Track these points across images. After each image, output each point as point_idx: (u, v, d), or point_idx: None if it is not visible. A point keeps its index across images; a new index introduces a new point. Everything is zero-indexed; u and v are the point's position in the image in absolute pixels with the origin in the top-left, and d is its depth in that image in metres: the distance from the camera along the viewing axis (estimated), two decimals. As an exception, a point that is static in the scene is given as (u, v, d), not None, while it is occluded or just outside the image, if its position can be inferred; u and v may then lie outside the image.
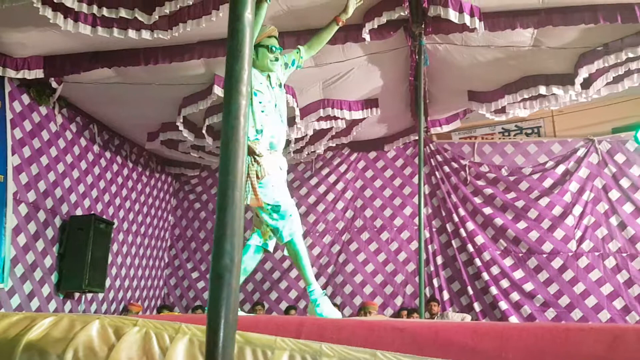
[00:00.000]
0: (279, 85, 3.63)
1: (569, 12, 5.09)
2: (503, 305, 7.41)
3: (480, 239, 7.81)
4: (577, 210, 7.55)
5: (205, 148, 8.00)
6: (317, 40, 3.87)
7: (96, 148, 7.80)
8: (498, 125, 8.33)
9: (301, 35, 5.24)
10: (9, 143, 6.10)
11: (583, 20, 5.09)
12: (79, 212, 7.28)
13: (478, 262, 7.70)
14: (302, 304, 8.24)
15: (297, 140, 7.74)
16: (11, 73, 5.79)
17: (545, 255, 7.51)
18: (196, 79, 6.36)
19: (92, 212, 7.42)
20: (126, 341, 1.89)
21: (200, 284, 9.16)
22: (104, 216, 7.66)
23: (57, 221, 6.94)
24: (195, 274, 9.27)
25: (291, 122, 6.66)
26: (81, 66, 5.90)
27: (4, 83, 6.14)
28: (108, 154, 8.09)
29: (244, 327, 1.88)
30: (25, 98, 6.52)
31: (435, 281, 7.98)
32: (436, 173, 8.33)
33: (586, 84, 6.17)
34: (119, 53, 5.77)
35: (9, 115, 6.18)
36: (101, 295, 7.57)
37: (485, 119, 7.60)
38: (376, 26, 5.13)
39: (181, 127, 6.98)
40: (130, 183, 8.61)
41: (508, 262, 7.65)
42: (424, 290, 6.47)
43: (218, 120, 6.62)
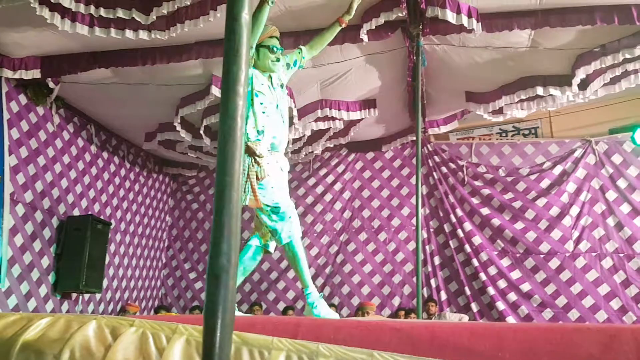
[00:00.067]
0: (281, 85, 3.62)
1: (566, 13, 5.12)
2: (500, 305, 7.42)
3: (477, 240, 7.82)
4: (574, 210, 7.56)
5: (202, 148, 7.99)
6: (320, 40, 3.86)
7: (93, 148, 7.79)
8: (495, 126, 8.34)
9: (299, 35, 5.24)
10: (6, 143, 6.09)
11: (580, 21, 5.11)
12: (76, 213, 7.28)
13: (475, 263, 7.71)
14: (300, 305, 8.24)
15: (295, 140, 7.74)
16: (8, 73, 5.80)
17: (542, 255, 7.52)
18: (194, 80, 6.36)
19: (90, 213, 7.41)
20: (123, 341, 1.88)
21: (197, 285, 9.14)
22: (101, 216, 7.65)
23: (55, 221, 6.93)
24: (192, 275, 9.26)
25: (289, 123, 6.65)
26: (78, 66, 5.90)
27: (1, 83, 6.13)
28: (105, 154, 8.08)
29: (241, 328, 1.88)
30: (22, 98, 6.52)
31: (432, 281, 7.99)
32: (434, 174, 8.34)
33: (583, 85, 6.19)
34: (117, 53, 5.77)
35: (6, 115, 6.17)
36: (98, 295, 7.56)
37: (482, 120, 7.61)
38: (374, 27, 5.15)
39: (179, 128, 6.98)
40: (127, 183, 8.60)
41: (505, 263, 7.66)
42: (422, 290, 6.46)
43: (216, 120, 6.62)
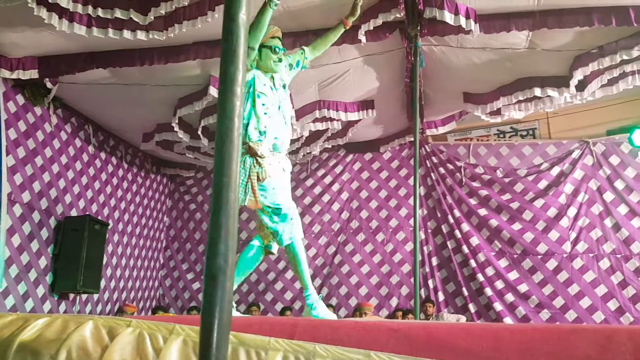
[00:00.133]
0: (283, 86, 3.60)
1: (564, 15, 5.12)
2: (498, 306, 7.42)
3: (475, 240, 7.83)
4: (572, 211, 7.57)
5: (200, 149, 7.98)
6: (323, 41, 3.84)
7: (91, 149, 7.78)
8: (493, 127, 8.36)
9: (298, 36, 5.24)
10: (4, 144, 6.07)
11: (578, 22, 5.12)
12: (74, 213, 7.26)
13: (473, 263, 7.71)
14: (298, 305, 8.24)
15: (293, 141, 7.71)
16: (6, 73, 5.79)
17: (540, 256, 7.53)
18: (192, 80, 6.35)
19: (87, 213, 7.40)
20: (120, 342, 1.88)
21: (195, 285, 9.13)
22: (99, 217, 7.65)
23: (52, 222, 6.91)
24: (190, 275, 9.25)
25: (289, 123, 6.66)
26: (76, 67, 5.89)
27: (-1, 83, 6.14)
28: (103, 155, 8.07)
29: (238, 328, 1.88)
30: (19, 98, 6.50)
31: (430, 282, 7.99)
32: (431, 174, 8.34)
33: (581, 86, 6.20)
34: (114, 53, 5.76)
35: (4, 115, 6.16)
36: (96, 296, 7.55)
37: (480, 121, 7.61)
38: (372, 28, 5.14)
39: (176, 128, 6.98)
40: (125, 184, 8.59)
41: (503, 264, 7.67)
42: (419, 291, 6.47)
43: (213, 121, 6.57)
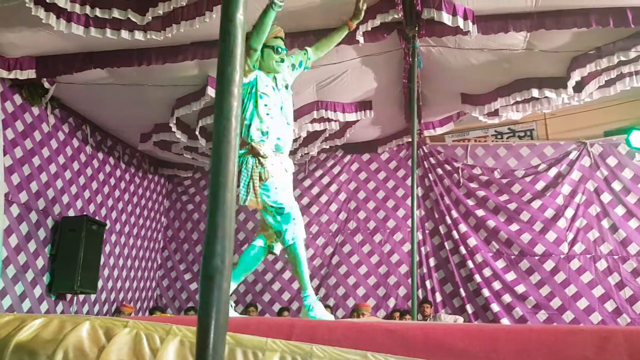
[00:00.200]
0: (285, 86, 3.60)
1: (562, 16, 5.13)
2: (495, 307, 7.43)
3: (472, 241, 7.83)
4: (569, 212, 7.58)
5: (198, 149, 7.97)
6: (327, 42, 3.83)
7: (89, 149, 7.77)
8: (491, 128, 8.37)
9: (297, 36, 5.24)
10: (1, 144, 6.05)
11: (575, 23, 5.13)
12: (71, 213, 7.25)
13: (470, 264, 7.71)
14: (296, 306, 8.23)
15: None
16: (3, 73, 5.78)
17: (537, 257, 7.54)
18: (189, 80, 6.35)
19: (85, 213, 7.39)
20: (116, 342, 1.88)
21: (192, 286, 9.12)
22: (96, 217, 7.63)
23: (49, 222, 6.90)
24: (187, 276, 9.24)
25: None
26: (74, 67, 5.88)
27: (-4, 83, 6.13)
28: (101, 155, 8.06)
29: (235, 329, 1.87)
30: (17, 98, 6.49)
31: (428, 283, 7.99)
32: (429, 175, 8.34)
33: (578, 87, 6.21)
34: (112, 54, 5.75)
35: (1, 115, 6.14)
36: (93, 296, 7.53)
37: (478, 122, 7.62)
38: (370, 28, 5.14)
39: (174, 129, 6.97)
40: (122, 184, 8.58)
41: (500, 264, 7.68)
42: (417, 292, 6.48)
43: (211, 121, 6.60)
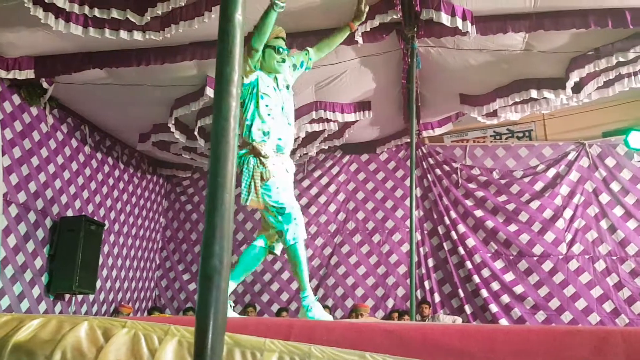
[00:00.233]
0: (287, 87, 3.60)
1: (560, 17, 5.13)
2: (493, 307, 7.43)
3: (471, 242, 7.84)
4: (568, 213, 7.59)
5: (197, 150, 7.96)
6: (328, 43, 3.83)
7: (87, 149, 7.76)
8: (490, 128, 8.37)
9: (297, 36, 5.24)
10: (-1, 144, 6.08)
11: (574, 24, 5.13)
12: (70, 214, 7.24)
13: (469, 265, 7.72)
14: (294, 306, 8.22)
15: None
16: (2, 73, 5.77)
17: (535, 258, 7.54)
18: (188, 81, 6.35)
19: (83, 214, 7.38)
20: (115, 343, 1.88)
21: (191, 286, 9.11)
22: (95, 217, 7.62)
23: (48, 222, 6.90)
24: (186, 276, 9.24)
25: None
26: (72, 67, 5.88)
27: (-5, 83, 6.12)
28: (99, 155, 8.05)
29: (233, 329, 1.87)
30: (15, 98, 6.49)
31: (426, 283, 7.99)
32: (428, 176, 8.34)
33: (577, 88, 6.22)
34: (111, 54, 5.75)
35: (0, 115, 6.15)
36: (92, 296, 7.53)
37: (477, 122, 7.63)
38: (369, 29, 5.14)
39: (173, 129, 6.97)
40: (121, 184, 8.57)
41: (499, 265, 7.68)
42: (415, 292, 6.47)
43: (210, 121, 6.59)
